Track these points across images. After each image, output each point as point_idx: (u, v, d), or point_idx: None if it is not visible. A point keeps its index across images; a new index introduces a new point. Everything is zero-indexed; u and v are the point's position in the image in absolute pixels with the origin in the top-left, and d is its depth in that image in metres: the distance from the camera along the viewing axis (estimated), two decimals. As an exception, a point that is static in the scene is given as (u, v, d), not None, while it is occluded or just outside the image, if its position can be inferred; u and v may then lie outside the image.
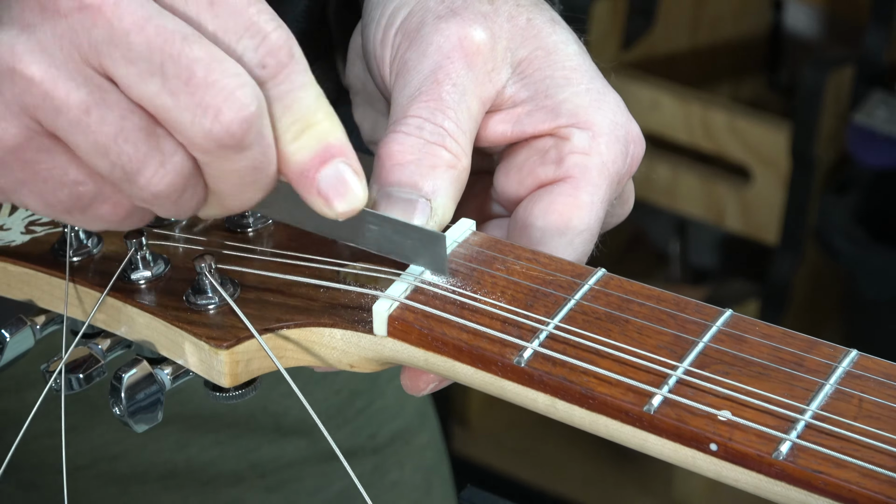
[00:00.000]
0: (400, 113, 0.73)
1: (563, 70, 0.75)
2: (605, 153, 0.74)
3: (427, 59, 0.74)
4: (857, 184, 2.10)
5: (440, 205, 0.71)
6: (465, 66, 0.74)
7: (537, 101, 0.75)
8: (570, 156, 0.74)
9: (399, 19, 0.76)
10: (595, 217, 0.73)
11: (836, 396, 0.62)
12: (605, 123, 0.74)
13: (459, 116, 0.73)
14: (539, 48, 0.75)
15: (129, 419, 0.70)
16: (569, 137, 0.74)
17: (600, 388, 0.63)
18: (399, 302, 0.68)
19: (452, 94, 0.73)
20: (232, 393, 0.70)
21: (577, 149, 0.74)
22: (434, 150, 0.72)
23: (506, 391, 0.66)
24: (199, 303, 0.70)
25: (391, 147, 0.72)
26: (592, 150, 0.74)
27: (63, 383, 0.72)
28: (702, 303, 0.67)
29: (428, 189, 0.71)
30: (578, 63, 0.75)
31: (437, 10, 0.75)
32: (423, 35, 0.74)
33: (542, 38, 0.76)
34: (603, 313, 0.67)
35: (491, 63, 0.74)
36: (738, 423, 0.61)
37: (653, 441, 0.63)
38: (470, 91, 0.74)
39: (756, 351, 0.64)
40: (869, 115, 2.04)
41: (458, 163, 0.72)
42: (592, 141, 0.74)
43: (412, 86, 0.74)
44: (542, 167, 0.74)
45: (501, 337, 0.66)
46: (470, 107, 0.74)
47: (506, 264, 0.70)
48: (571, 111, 0.74)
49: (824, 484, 0.59)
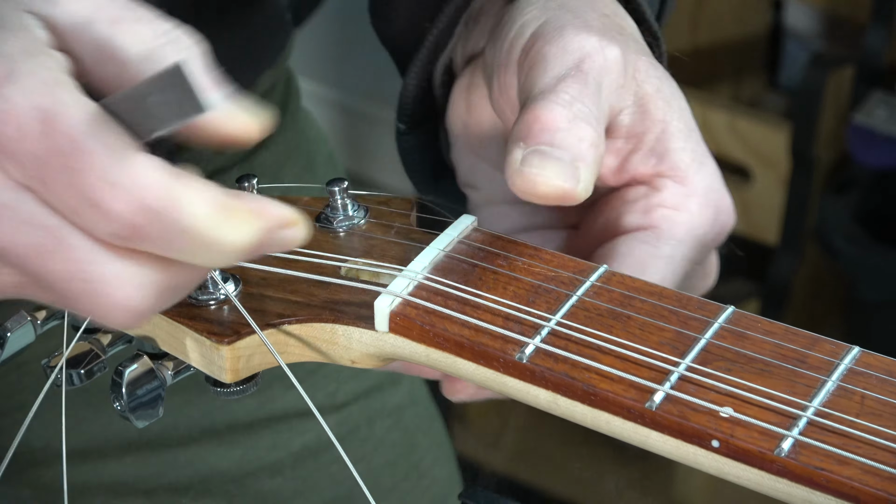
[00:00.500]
0: (547, 87, 0.72)
1: (680, 122, 0.75)
2: (696, 214, 0.73)
3: (570, 55, 0.73)
4: (857, 184, 2.10)
5: (585, 175, 0.70)
6: (604, 69, 0.73)
7: (647, 143, 0.74)
8: (659, 208, 0.73)
9: (530, 30, 0.75)
10: (672, 272, 0.72)
11: (838, 393, 0.62)
12: (702, 185, 0.74)
13: (601, 108, 0.73)
14: (661, 91, 0.75)
15: (131, 414, 0.70)
16: (662, 189, 0.74)
17: (602, 385, 0.63)
18: (401, 298, 0.68)
19: (594, 87, 0.72)
20: (233, 388, 0.70)
21: (667, 202, 0.73)
22: (582, 125, 0.71)
23: (507, 387, 0.66)
24: (200, 298, 0.70)
25: (541, 112, 0.71)
26: (683, 207, 0.73)
27: (64, 378, 0.72)
28: (704, 299, 0.67)
29: (579, 155, 0.70)
30: (690, 121, 0.75)
31: (576, 22, 0.75)
32: (565, 35, 0.74)
33: (665, 83, 0.76)
34: (605, 310, 0.67)
35: (621, 80, 0.74)
36: (741, 420, 0.61)
37: (655, 438, 0.63)
38: (605, 93, 0.73)
39: (758, 347, 0.64)
40: (869, 115, 2.04)
41: (600, 145, 0.71)
42: (685, 198, 0.73)
43: (556, 70, 0.73)
44: (629, 215, 0.74)
45: (503, 333, 0.66)
46: (603, 107, 0.73)
47: (508, 260, 0.70)
48: (674, 163, 0.74)
49: (826, 481, 0.59)
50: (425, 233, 0.73)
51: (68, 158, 0.57)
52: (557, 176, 0.69)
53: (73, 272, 0.59)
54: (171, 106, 0.58)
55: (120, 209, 0.57)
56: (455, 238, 0.71)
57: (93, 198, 0.57)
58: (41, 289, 0.61)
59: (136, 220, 0.58)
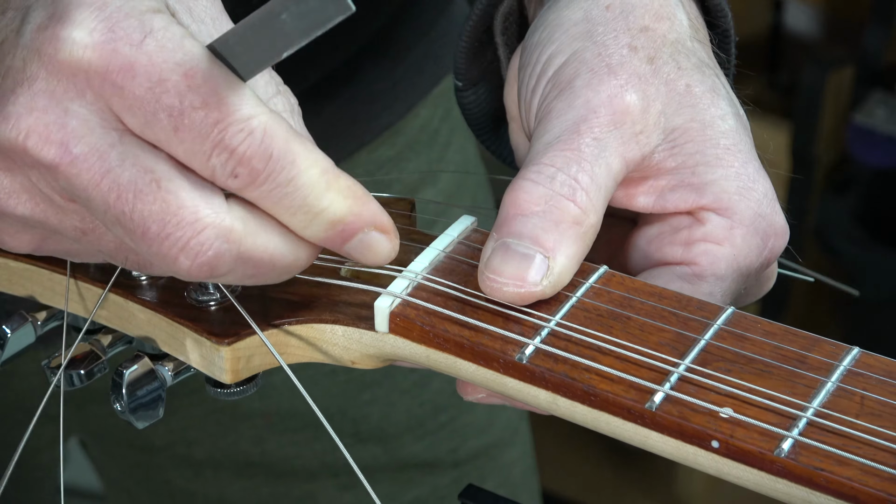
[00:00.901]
0: (534, 159, 0.70)
1: (717, 149, 0.71)
2: (740, 245, 0.71)
3: (572, 111, 0.71)
4: (857, 184, 2.10)
5: (559, 263, 0.68)
6: (611, 123, 0.70)
7: (683, 177, 0.71)
8: (700, 242, 0.71)
9: (553, 68, 0.73)
10: None
11: (837, 394, 0.62)
12: (748, 214, 0.71)
13: (596, 171, 0.69)
14: (694, 120, 0.72)
15: (131, 415, 0.70)
16: (705, 222, 0.71)
17: (602, 385, 0.63)
18: (401, 298, 0.68)
19: (592, 147, 0.70)
20: (233, 389, 0.70)
21: (710, 236, 0.71)
22: (562, 203, 0.68)
23: (507, 388, 0.66)
24: (200, 299, 0.70)
25: (517, 195, 0.69)
26: (726, 240, 0.70)
27: (63, 379, 0.72)
28: (704, 300, 0.67)
29: (549, 245, 0.68)
30: (734, 142, 0.72)
31: (593, 63, 0.72)
32: (575, 87, 0.71)
33: (699, 108, 0.72)
34: (605, 310, 0.67)
35: (640, 125, 0.71)
36: (740, 421, 0.61)
37: (655, 438, 0.63)
38: (612, 148, 0.70)
39: (758, 348, 0.64)
40: (869, 115, 2.04)
41: (585, 219, 0.69)
42: (729, 231, 0.70)
43: (552, 133, 0.71)
44: (670, 246, 0.72)
45: (503, 334, 0.66)
46: (610, 164, 0.70)
47: (507, 261, 0.69)
48: (716, 194, 0.71)
49: (826, 481, 0.59)
50: (425, 234, 0.73)
51: (210, 110, 0.62)
52: (516, 278, 0.67)
53: (166, 213, 0.62)
54: (312, 15, 0.59)
55: (246, 150, 0.62)
56: (455, 239, 0.71)
57: (225, 142, 0.62)
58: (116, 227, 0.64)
59: (256, 162, 0.62)
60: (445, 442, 1.13)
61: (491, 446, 1.16)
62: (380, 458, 1.11)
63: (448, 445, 1.13)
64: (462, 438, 1.15)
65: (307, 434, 1.09)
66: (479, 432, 1.15)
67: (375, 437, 1.11)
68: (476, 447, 1.16)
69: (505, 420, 1.19)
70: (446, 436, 1.13)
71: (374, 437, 1.11)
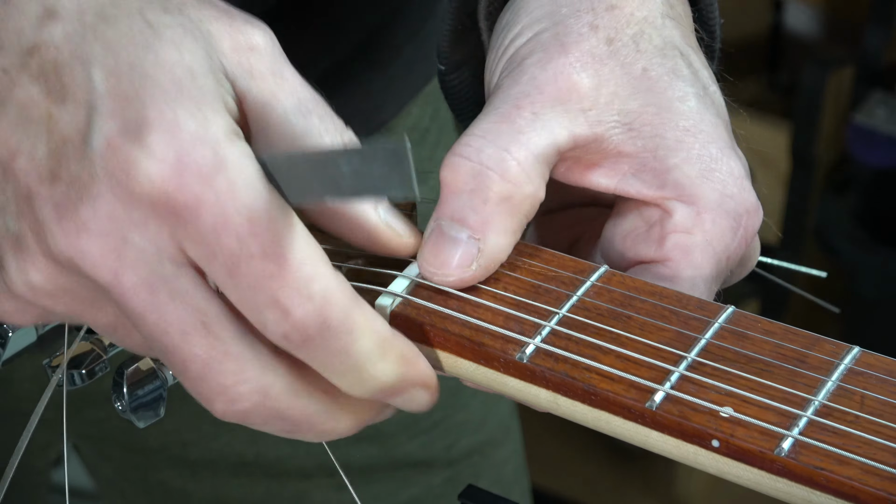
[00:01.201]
0: (468, 130, 0.69)
1: (676, 131, 0.70)
2: (710, 230, 0.69)
3: (516, 86, 0.70)
4: (857, 184, 2.10)
5: (490, 244, 0.67)
6: (555, 99, 0.69)
7: (644, 160, 0.70)
8: (671, 235, 0.69)
9: (513, 49, 0.72)
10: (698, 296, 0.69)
11: (838, 393, 0.62)
12: (713, 197, 0.69)
13: (532, 138, 0.68)
14: (650, 104, 0.70)
15: (132, 414, 0.70)
16: (672, 213, 0.70)
17: (603, 385, 0.63)
18: (401, 298, 0.68)
19: (529, 121, 0.68)
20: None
21: (679, 227, 0.69)
22: (489, 178, 0.67)
23: (508, 387, 0.66)
24: (201, 298, 0.70)
25: (447, 173, 0.68)
26: (696, 227, 0.69)
27: (65, 378, 0.72)
28: (704, 299, 0.67)
29: (477, 224, 0.67)
30: (693, 123, 0.70)
31: (548, 43, 0.71)
32: (525, 66, 0.70)
33: (655, 92, 0.70)
34: (605, 309, 0.67)
35: (589, 102, 0.70)
36: (741, 420, 0.61)
37: (655, 437, 0.63)
38: (554, 121, 0.69)
39: (758, 347, 0.64)
40: (869, 115, 2.04)
41: (517, 191, 0.68)
42: (696, 217, 0.69)
43: (492, 106, 0.70)
44: (644, 244, 0.70)
45: (504, 333, 0.66)
46: (552, 131, 0.69)
47: (508, 260, 0.69)
48: (678, 182, 0.69)
49: (826, 480, 0.59)
50: (426, 233, 0.73)
51: (268, 262, 0.60)
52: (447, 265, 0.67)
53: (210, 358, 0.61)
54: (371, 180, 0.58)
55: (302, 316, 0.60)
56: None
57: (280, 301, 0.60)
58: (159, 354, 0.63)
59: (311, 330, 0.61)
60: (440, 440, 1.13)
61: (484, 444, 1.16)
62: (375, 458, 1.11)
63: (442, 443, 1.13)
64: (456, 436, 1.14)
65: None
66: (472, 430, 1.15)
67: (371, 437, 1.10)
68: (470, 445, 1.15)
69: (498, 418, 1.19)
70: (440, 434, 1.13)
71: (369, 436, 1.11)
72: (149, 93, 0.60)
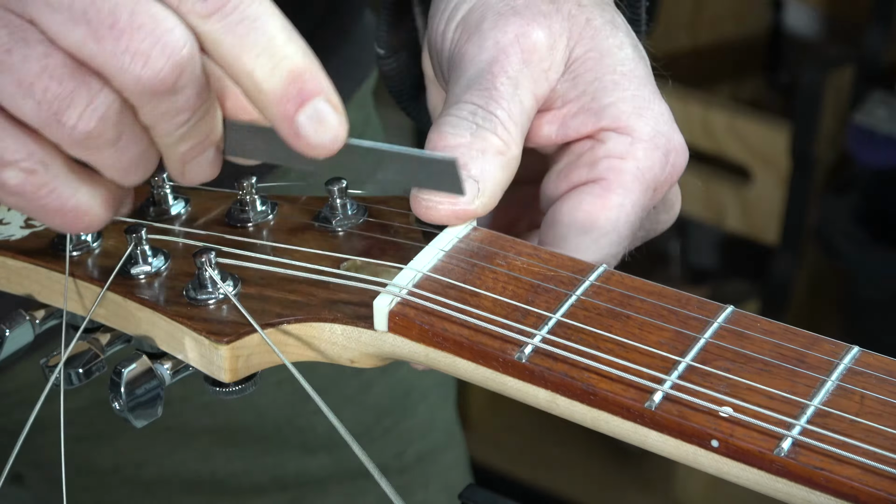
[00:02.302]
0: (454, 100, 0.73)
1: (614, 74, 0.75)
2: (642, 159, 0.73)
3: (484, 53, 0.74)
4: (857, 184, 2.10)
5: (487, 187, 0.71)
6: (522, 62, 0.74)
7: (583, 103, 0.75)
8: (604, 159, 0.73)
9: (460, 14, 0.76)
10: (624, 220, 0.73)
11: (837, 393, 0.62)
12: (647, 131, 0.74)
13: (512, 108, 0.73)
14: (593, 49, 0.75)
15: (129, 414, 0.70)
16: (605, 141, 0.74)
17: (601, 385, 0.63)
18: (400, 297, 0.68)
19: (507, 86, 0.73)
20: (232, 388, 0.70)
21: (612, 153, 0.73)
22: (484, 134, 0.72)
23: (507, 387, 0.66)
24: (199, 297, 0.70)
25: (443, 129, 0.72)
26: (629, 154, 0.73)
27: (62, 378, 0.71)
28: (703, 299, 0.67)
29: (476, 172, 0.71)
30: (630, 68, 0.75)
31: (498, 7, 0.75)
32: (483, 30, 0.75)
33: (598, 39, 0.75)
34: (604, 309, 0.67)
35: (548, 62, 0.74)
36: (740, 420, 0.61)
37: (654, 437, 0.63)
38: (524, 86, 0.74)
39: (758, 347, 0.64)
40: (869, 115, 2.04)
41: (507, 150, 0.72)
42: (630, 146, 0.73)
43: (468, 76, 0.74)
44: (576, 169, 0.74)
45: (502, 333, 0.66)
46: (523, 100, 0.73)
47: (507, 260, 0.69)
48: (614, 115, 0.74)
49: (826, 480, 0.59)
50: (424, 232, 0.73)
51: None
52: (450, 195, 0.70)
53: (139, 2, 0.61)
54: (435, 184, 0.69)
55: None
56: (454, 237, 0.71)
57: None
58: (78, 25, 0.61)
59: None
60: (391, 447, 1.13)
61: (432, 450, 1.16)
62: (329, 469, 1.11)
63: (393, 450, 1.13)
64: (406, 443, 1.15)
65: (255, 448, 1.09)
66: (420, 436, 1.15)
67: (324, 447, 1.10)
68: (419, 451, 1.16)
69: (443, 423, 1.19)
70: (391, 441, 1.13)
71: (322, 446, 1.11)
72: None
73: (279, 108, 0.63)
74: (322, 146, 0.64)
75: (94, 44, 0.61)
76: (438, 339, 0.67)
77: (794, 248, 2.13)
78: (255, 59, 0.63)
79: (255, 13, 0.62)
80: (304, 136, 0.64)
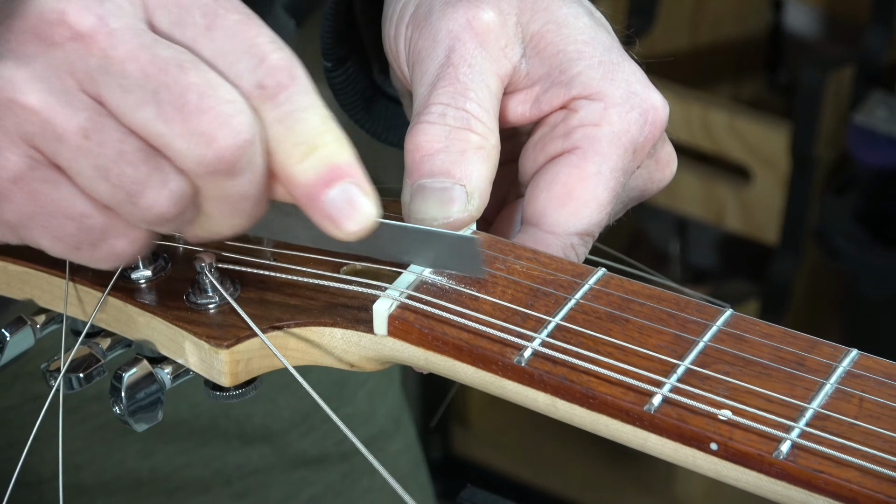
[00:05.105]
0: (422, 103, 0.73)
1: (576, 44, 0.75)
2: (617, 123, 0.73)
3: (439, 45, 0.74)
4: (857, 184, 2.10)
5: (475, 188, 0.71)
6: (478, 45, 0.74)
7: (552, 78, 0.75)
8: (578, 128, 0.73)
9: (409, 12, 0.76)
10: (604, 187, 0.73)
11: (836, 396, 0.62)
12: (618, 94, 0.74)
13: (480, 96, 0.73)
14: (550, 21, 0.75)
15: (130, 418, 0.70)
16: (578, 110, 0.74)
17: (601, 388, 0.63)
18: (399, 301, 0.68)
19: (469, 75, 0.73)
20: (232, 392, 0.70)
21: (585, 120, 0.73)
22: (460, 134, 0.72)
23: (506, 390, 0.66)
24: (199, 302, 0.70)
25: (418, 139, 0.72)
26: (602, 120, 0.73)
27: (63, 383, 0.72)
28: (702, 302, 0.67)
29: (460, 174, 0.71)
30: (591, 36, 0.75)
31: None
32: (432, 22, 0.75)
33: (552, 11, 0.75)
34: (603, 313, 0.67)
35: (503, 39, 0.74)
36: (739, 423, 0.61)
37: (653, 440, 0.63)
38: (487, 69, 0.74)
39: (757, 350, 0.64)
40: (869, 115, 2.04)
41: (486, 142, 0.72)
42: (604, 111, 0.73)
43: (430, 73, 0.74)
44: (551, 141, 0.74)
45: (502, 336, 0.66)
46: (489, 85, 0.74)
47: (506, 264, 0.70)
48: (584, 83, 0.74)
49: (825, 483, 0.59)
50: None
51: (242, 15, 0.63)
52: (442, 209, 0.71)
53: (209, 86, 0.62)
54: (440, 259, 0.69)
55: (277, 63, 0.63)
56: (454, 241, 0.71)
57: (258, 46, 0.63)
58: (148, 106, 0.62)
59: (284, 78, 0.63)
60: (331, 434, 1.12)
61: (376, 437, 1.15)
62: (269, 459, 1.10)
63: (333, 438, 1.12)
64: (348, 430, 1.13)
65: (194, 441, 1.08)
66: (361, 423, 1.14)
67: (261, 437, 1.10)
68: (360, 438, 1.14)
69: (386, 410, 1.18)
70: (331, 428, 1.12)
71: (260, 436, 1.10)
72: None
73: (310, 191, 0.64)
74: (351, 230, 0.65)
75: (162, 124, 0.62)
76: (438, 343, 0.67)
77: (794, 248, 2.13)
78: (293, 147, 0.64)
79: (305, 103, 0.63)
80: (334, 219, 0.64)
